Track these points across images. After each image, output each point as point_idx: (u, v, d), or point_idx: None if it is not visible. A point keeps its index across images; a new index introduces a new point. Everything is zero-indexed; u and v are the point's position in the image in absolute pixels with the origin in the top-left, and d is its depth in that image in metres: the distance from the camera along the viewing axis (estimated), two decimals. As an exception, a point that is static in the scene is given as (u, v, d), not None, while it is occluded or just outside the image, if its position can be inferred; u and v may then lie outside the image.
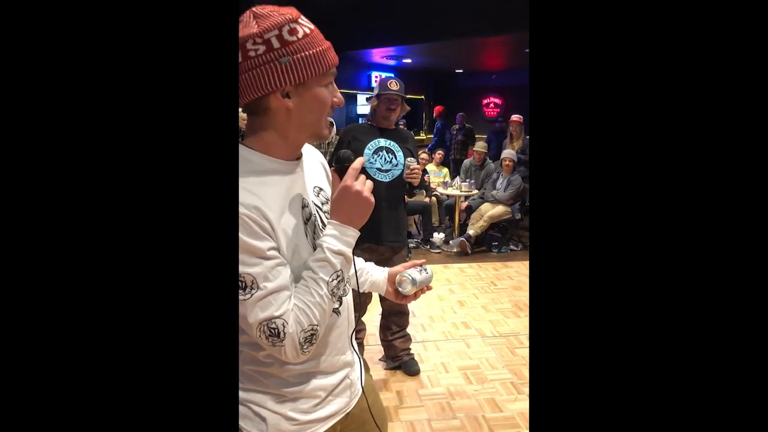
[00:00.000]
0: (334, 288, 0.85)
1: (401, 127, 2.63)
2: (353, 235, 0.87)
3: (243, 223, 0.77)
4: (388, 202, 2.39)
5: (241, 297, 0.79)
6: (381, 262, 2.50)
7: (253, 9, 0.82)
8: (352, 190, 0.86)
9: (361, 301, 2.56)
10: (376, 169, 2.37)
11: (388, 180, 2.39)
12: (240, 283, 0.78)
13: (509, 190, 5.12)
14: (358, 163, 0.88)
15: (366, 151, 2.37)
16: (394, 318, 2.67)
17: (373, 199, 0.87)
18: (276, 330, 0.80)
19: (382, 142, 2.41)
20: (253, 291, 0.79)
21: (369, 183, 0.88)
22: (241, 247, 0.77)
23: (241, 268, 0.78)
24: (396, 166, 2.40)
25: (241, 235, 0.77)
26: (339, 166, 0.91)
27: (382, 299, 2.65)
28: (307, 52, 0.81)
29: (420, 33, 7.70)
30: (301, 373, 0.92)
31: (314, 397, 0.93)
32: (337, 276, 0.85)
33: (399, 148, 2.42)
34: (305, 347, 0.83)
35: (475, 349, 3.04)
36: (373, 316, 2.97)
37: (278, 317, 0.80)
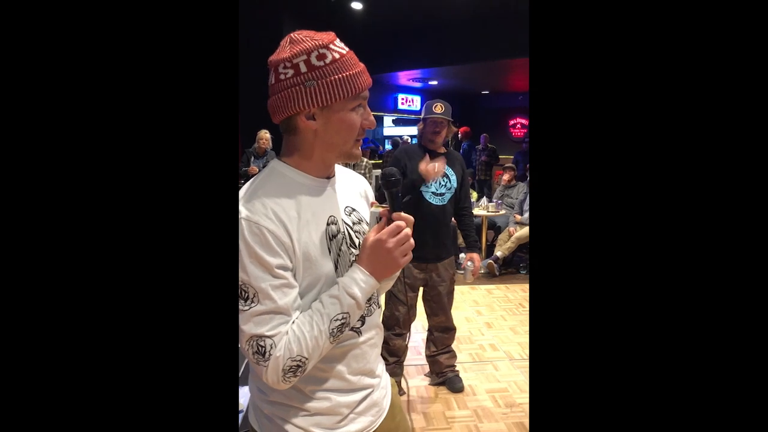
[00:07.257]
0: (335, 328, 0.84)
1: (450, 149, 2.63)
2: (373, 284, 0.87)
3: (261, 234, 0.79)
4: (439, 224, 2.45)
5: (240, 306, 0.80)
6: (429, 274, 2.51)
7: (291, 34, 0.85)
8: (384, 246, 0.87)
9: (404, 319, 2.55)
10: (431, 192, 2.41)
11: (441, 203, 2.44)
12: (242, 293, 0.79)
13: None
14: (403, 222, 0.89)
15: None
16: (440, 334, 2.68)
17: (402, 262, 0.88)
18: (263, 349, 0.80)
19: None
20: (252, 304, 0.79)
21: (409, 244, 0.89)
22: (251, 256, 0.78)
23: (246, 278, 0.79)
24: (450, 190, 2.44)
25: (255, 246, 0.78)
26: (384, 181, 0.93)
27: (428, 315, 2.66)
28: (333, 77, 0.82)
29: (445, 56, 7.78)
30: (321, 390, 0.92)
31: (337, 414, 0.93)
32: (343, 317, 0.84)
33: (453, 172, 2.46)
34: (287, 376, 0.81)
35: (504, 371, 2.99)
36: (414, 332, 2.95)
37: (269, 337, 0.80)
